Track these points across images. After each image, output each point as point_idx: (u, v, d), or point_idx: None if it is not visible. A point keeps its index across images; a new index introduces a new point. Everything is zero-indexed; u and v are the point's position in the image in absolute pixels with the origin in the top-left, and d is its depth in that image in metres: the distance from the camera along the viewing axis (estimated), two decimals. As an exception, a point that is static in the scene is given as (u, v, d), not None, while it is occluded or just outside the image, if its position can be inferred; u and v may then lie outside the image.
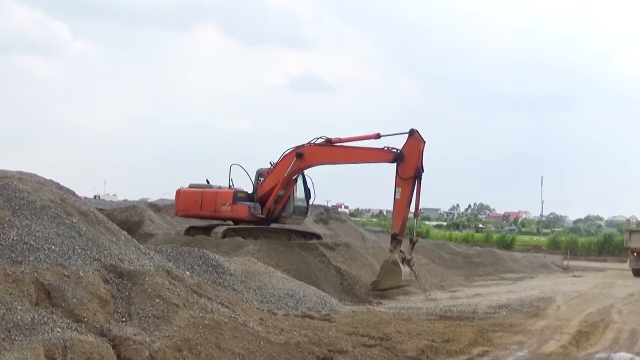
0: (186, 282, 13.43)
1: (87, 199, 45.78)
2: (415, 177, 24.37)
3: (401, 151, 24.61)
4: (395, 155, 24.65)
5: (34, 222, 11.74)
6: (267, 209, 28.51)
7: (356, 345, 13.39)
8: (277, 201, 28.61)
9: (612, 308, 22.56)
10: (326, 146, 26.71)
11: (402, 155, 24.48)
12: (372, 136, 26.08)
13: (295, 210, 29.34)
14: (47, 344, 9.01)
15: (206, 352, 10.68)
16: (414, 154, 24.41)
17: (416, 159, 24.38)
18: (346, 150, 26.65)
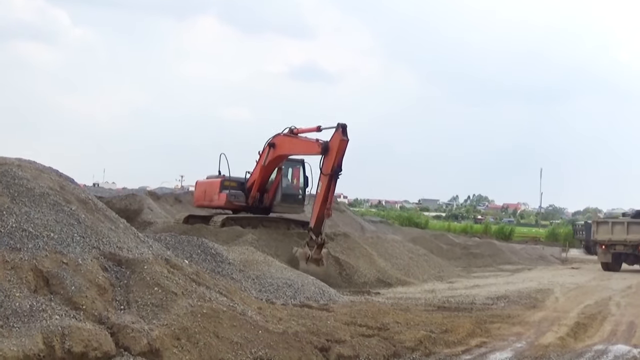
0: (185, 271, 13.42)
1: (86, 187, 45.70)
2: (332, 175, 23.82)
3: (327, 144, 24.12)
4: (322, 148, 24.21)
5: (33, 209, 11.73)
6: (252, 197, 28.79)
7: (354, 335, 13.40)
8: (266, 190, 28.80)
9: (610, 300, 22.57)
10: (286, 136, 26.77)
11: (327, 149, 23.98)
12: (314, 129, 26.01)
13: (286, 199, 29.37)
14: (46, 331, 9.01)
15: (204, 341, 10.68)
16: (335, 150, 23.79)
17: (336, 156, 23.75)
18: (292, 141, 26.65)
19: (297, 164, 29.70)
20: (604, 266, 36.39)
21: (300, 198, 29.62)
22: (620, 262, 36.49)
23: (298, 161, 29.65)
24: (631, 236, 35.27)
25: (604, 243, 36.27)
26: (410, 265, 29.31)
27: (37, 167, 13.82)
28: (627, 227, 35.79)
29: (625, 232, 35.53)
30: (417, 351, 13.13)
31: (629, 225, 35.94)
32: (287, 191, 29.50)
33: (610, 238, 35.85)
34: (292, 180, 29.78)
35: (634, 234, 35.18)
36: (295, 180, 29.80)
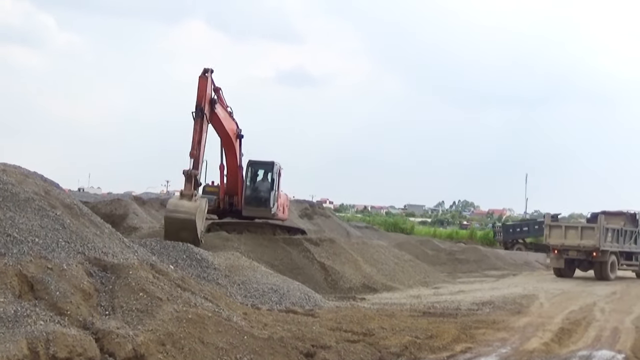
0: (170, 276, 13.42)
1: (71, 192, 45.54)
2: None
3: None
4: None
5: (18, 214, 11.70)
6: (221, 201, 28.99)
7: (339, 341, 13.42)
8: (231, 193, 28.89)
9: (594, 306, 22.66)
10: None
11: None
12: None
13: (251, 201, 29.25)
14: (30, 337, 8.98)
15: (189, 347, 10.67)
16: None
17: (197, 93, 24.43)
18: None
19: (264, 166, 29.72)
20: (556, 272, 34.60)
21: (265, 200, 29.44)
22: (574, 268, 34.51)
23: (266, 163, 29.71)
24: (585, 241, 33.12)
25: (556, 248, 34.03)
26: (395, 270, 29.33)
27: (22, 172, 13.80)
28: (580, 232, 33.74)
29: (578, 237, 33.50)
30: (402, 357, 13.16)
31: (582, 230, 33.99)
32: (251, 194, 29.34)
33: (563, 243, 33.72)
34: (256, 183, 29.66)
35: (588, 240, 33.09)
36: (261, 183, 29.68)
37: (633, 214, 36.60)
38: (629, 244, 34.85)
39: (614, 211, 36.90)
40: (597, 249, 32.46)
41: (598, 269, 33.26)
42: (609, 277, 32.78)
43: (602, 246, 32.57)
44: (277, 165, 29.54)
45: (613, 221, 35.37)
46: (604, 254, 32.86)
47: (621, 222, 35.82)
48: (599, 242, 32.34)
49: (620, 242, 34.10)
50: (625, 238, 34.53)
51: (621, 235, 34.26)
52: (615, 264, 33.75)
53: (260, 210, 29.38)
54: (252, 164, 29.51)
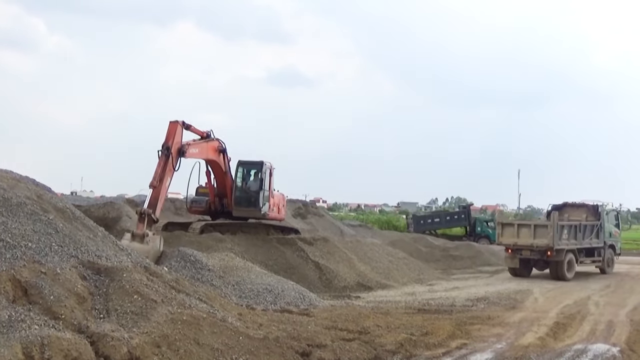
0: (164, 278, 13.41)
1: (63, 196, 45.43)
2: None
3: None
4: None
5: (10, 219, 11.68)
6: (211, 202, 29.11)
7: (335, 340, 13.42)
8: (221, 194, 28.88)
9: (588, 300, 22.71)
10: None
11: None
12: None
13: (240, 202, 29.13)
14: (25, 342, 8.96)
15: (185, 348, 10.66)
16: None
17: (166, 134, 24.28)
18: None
19: (254, 167, 29.68)
20: (512, 272, 31.87)
21: (254, 200, 29.38)
22: (530, 267, 32.05)
23: (255, 163, 29.68)
24: (538, 240, 30.63)
25: (509, 247, 31.48)
26: (390, 268, 29.33)
27: (14, 176, 13.78)
28: (533, 231, 31.05)
29: (531, 236, 30.89)
30: (398, 354, 13.17)
31: (535, 228, 31.31)
32: (240, 194, 29.25)
33: (516, 242, 31.19)
34: (245, 183, 29.58)
35: (541, 239, 30.59)
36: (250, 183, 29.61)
37: (595, 205, 34.25)
38: (589, 239, 32.37)
39: (576, 203, 35.05)
40: (551, 248, 30.04)
41: (554, 269, 30.86)
42: (566, 277, 30.25)
43: (557, 245, 30.15)
44: (266, 165, 29.46)
45: (575, 214, 33.86)
46: (559, 253, 30.39)
47: (583, 214, 33.81)
48: (552, 240, 30.02)
49: (578, 239, 31.64)
50: (584, 233, 32.08)
51: (579, 231, 31.78)
52: (573, 262, 31.21)
53: (250, 210, 29.30)
54: (242, 164, 29.46)
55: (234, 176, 29.02)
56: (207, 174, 28.49)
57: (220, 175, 28.45)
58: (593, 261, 33.31)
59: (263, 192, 29.01)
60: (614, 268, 34.37)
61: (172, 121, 24.36)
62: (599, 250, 33.25)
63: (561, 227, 30.72)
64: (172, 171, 23.88)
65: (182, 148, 24.32)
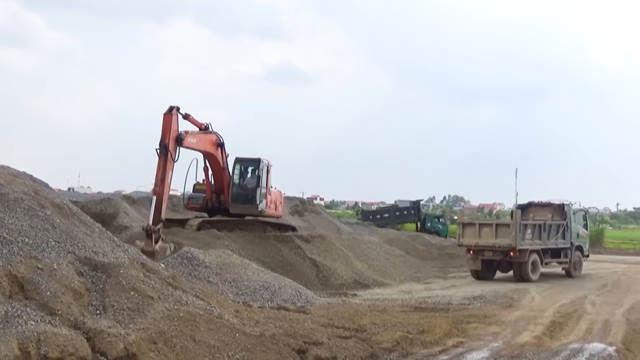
0: (161, 275, 13.40)
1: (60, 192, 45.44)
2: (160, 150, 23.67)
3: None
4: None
5: (7, 215, 11.67)
6: (208, 199, 29.03)
7: (331, 337, 13.42)
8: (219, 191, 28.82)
9: (585, 299, 22.72)
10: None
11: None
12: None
13: (237, 199, 29.09)
14: (21, 337, 8.96)
15: (181, 345, 10.66)
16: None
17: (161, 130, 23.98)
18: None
19: (251, 164, 29.64)
20: (474, 274, 29.96)
21: (251, 197, 29.25)
22: (493, 269, 30.14)
23: (253, 160, 29.66)
24: (500, 241, 28.82)
25: (471, 248, 29.57)
26: (386, 266, 29.37)
27: (11, 172, 13.76)
28: (495, 231, 29.27)
29: (493, 236, 29.12)
30: (394, 352, 13.18)
31: (497, 228, 29.57)
32: (237, 191, 29.22)
33: (477, 242, 29.30)
34: (243, 180, 29.51)
35: (503, 238, 28.80)
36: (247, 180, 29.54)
37: (561, 204, 32.42)
38: (555, 239, 30.72)
39: (542, 202, 33.38)
40: (514, 248, 28.38)
41: (517, 270, 29.16)
42: (530, 279, 28.66)
43: (520, 245, 28.51)
44: (263, 162, 29.39)
45: (540, 213, 32.24)
46: (522, 254, 28.76)
47: (549, 214, 32.14)
48: (515, 240, 28.30)
49: (543, 239, 30.05)
50: (549, 233, 30.47)
51: (544, 231, 30.17)
52: (538, 263, 29.64)
53: (247, 207, 29.25)
54: (239, 161, 29.38)
55: (231, 173, 28.96)
56: (205, 169, 28.44)
57: (217, 171, 28.37)
58: (559, 262, 31.71)
59: (260, 189, 28.96)
60: (582, 270, 32.38)
61: (166, 113, 23.82)
62: (566, 251, 31.54)
63: (524, 227, 29.29)
64: (172, 163, 23.68)
65: (180, 136, 24.00)
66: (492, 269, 29.98)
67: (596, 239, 60.95)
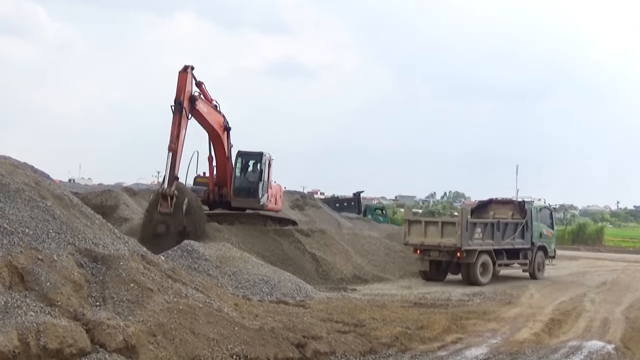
0: (161, 267, 13.40)
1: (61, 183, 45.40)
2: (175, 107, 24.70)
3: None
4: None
5: (8, 205, 11.66)
6: (210, 192, 28.94)
7: (330, 332, 13.42)
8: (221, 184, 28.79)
9: (584, 296, 22.74)
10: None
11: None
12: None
13: (240, 192, 29.08)
14: (21, 328, 8.96)
15: (180, 337, 10.67)
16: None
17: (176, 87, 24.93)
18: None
19: (253, 157, 29.60)
20: (422, 275, 27.85)
21: (253, 191, 29.19)
22: (443, 270, 27.88)
23: (255, 154, 29.62)
24: (446, 240, 26.88)
25: (417, 247, 27.63)
26: (386, 261, 29.34)
27: (12, 162, 13.75)
28: (441, 229, 27.33)
29: (439, 235, 27.14)
30: (393, 347, 13.20)
31: (443, 226, 27.57)
32: (240, 184, 29.17)
33: (422, 242, 27.34)
34: (245, 174, 29.46)
35: (449, 238, 26.86)
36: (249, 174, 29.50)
37: (521, 202, 30.54)
38: (511, 239, 28.50)
39: (503, 199, 31.52)
40: (459, 248, 26.42)
41: (465, 272, 27.13)
42: (479, 282, 26.54)
43: (466, 245, 26.52)
44: (266, 155, 29.36)
45: (501, 211, 30.15)
46: (470, 254, 26.73)
47: (509, 212, 29.96)
48: (460, 240, 26.34)
49: (496, 239, 27.84)
50: (504, 233, 28.29)
51: (497, 230, 28.02)
52: (489, 265, 27.38)
53: (249, 201, 29.20)
54: (241, 155, 29.33)
55: (234, 166, 28.93)
56: (210, 159, 28.39)
57: (222, 161, 28.32)
58: (520, 264, 29.51)
59: (262, 183, 28.95)
60: (544, 272, 30.27)
61: (181, 71, 24.78)
62: (525, 252, 29.31)
63: (473, 225, 27.27)
64: (186, 121, 24.54)
65: (194, 96, 25.02)
66: (442, 270, 27.91)
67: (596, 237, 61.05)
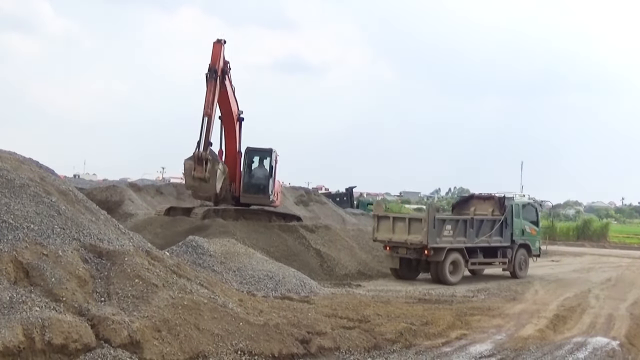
0: (166, 263, 13.41)
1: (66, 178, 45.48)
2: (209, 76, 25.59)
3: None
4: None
5: (13, 201, 11.67)
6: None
7: (335, 327, 13.44)
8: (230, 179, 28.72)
9: (589, 293, 22.73)
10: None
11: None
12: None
13: (249, 189, 29.03)
14: (26, 323, 8.98)
15: (185, 333, 10.68)
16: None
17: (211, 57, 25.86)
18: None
19: (262, 154, 29.54)
20: (393, 273, 26.70)
21: (263, 187, 29.14)
22: (414, 268, 26.72)
23: (264, 150, 29.55)
24: (412, 237, 25.74)
25: (385, 244, 26.63)
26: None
27: (18, 158, 13.76)
28: (408, 225, 26.20)
29: (406, 232, 26.02)
30: (397, 343, 13.21)
31: (410, 222, 26.40)
32: (249, 180, 29.06)
33: (390, 238, 26.33)
34: (254, 170, 29.40)
35: (415, 235, 25.72)
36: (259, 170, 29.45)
37: (502, 197, 29.06)
38: (488, 236, 27.14)
39: (483, 195, 30.17)
40: (425, 246, 25.29)
41: (434, 270, 26.01)
42: (448, 281, 25.38)
43: (433, 242, 25.41)
44: (274, 152, 29.36)
45: (481, 207, 28.67)
46: (438, 252, 25.60)
47: (490, 208, 28.51)
48: (426, 237, 25.22)
49: (469, 236, 26.61)
50: (479, 230, 27.04)
51: (471, 227, 26.79)
52: (460, 264, 26.19)
53: (259, 197, 29.17)
54: (250, 151, 29.28)
55: (242, 162, 28.91)
56: (220, 153, 28.38)
57: (232, 154, 28.28)
58: (502, 262, 28.11)
59: (272, 180, 28.98)
60: (527, 271, 28.87)
61: (216, 41, 25.67)
62: (505, 251, 27.93)
63: (441, 222, 26.21)
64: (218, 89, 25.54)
65: (225, 68, 25.98)
66: (412, 268, 26.74)
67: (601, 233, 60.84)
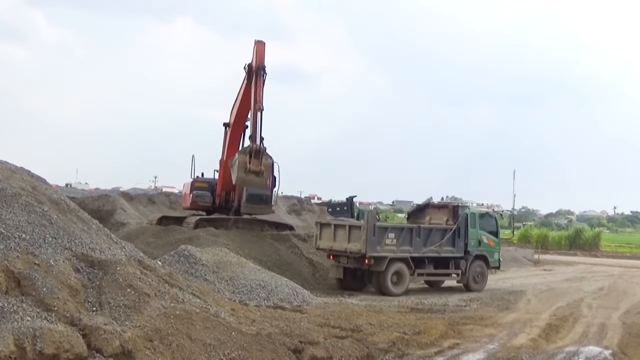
0: (158, 272, 13.38)
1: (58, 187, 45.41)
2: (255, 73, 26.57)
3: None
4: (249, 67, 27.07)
5: (4, 210, 11.63)
6: (217, 197, 28.75)
7: (327, 337, 13.42)
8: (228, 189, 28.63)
9: (581, 302, 22.74)
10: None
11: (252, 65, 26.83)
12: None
13: (252, 199, 28.62)
14: (17, 333, 8.94)
15: (177, 343, 10.64)
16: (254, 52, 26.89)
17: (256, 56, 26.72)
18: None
19: None
20: (338, 283, 25.47)
21: (266, 198, 29.04)
22: (359, 278, 25.45)
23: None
24: (352, 245, 24.52)
25: (328, 253, 25.58)
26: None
27: (9, 167, 13.72)
28: (348, 233, 24.87)
29: (346, 240, 24.79)
30: (390, 352, 13.19)
31: (350, 230, 24.99)
32: (253, 191, 28.43)
33: (332, 246, 25.23)
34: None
35: (354, 243, 24.49)
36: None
37: (456, 206, 27.88)
38: (437, 246, 25.81)
39: (439, 203, 29.83)
40: (364, 255, 24.10)
41: (375, 281, 24.77)
42: (390, 292, 24.15)
43: (373, 251, 24.15)
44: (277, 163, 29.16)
45: (437, 216, 27.77)
46: (379, 262, 24.34)
47: (444, 217, 27.46)
48: (365, 246, 24.01)
49: (415, 245, 25.22)
50: (428, 239, 25.69)
51: (418, 236, 25.43)
52: (405, 274, 24.82)
53: (261, 207, 29.00)
54: None
55: None
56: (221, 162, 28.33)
57: None
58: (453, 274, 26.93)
59: (276, 190, 28.98)
60: (485, 284, 27.43)
61: (258, 41, 26.64)
62: (457, 262, 26.59)
63: (383, 230, 25.00)
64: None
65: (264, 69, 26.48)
66: (358, 278, 25.51)
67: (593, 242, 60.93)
